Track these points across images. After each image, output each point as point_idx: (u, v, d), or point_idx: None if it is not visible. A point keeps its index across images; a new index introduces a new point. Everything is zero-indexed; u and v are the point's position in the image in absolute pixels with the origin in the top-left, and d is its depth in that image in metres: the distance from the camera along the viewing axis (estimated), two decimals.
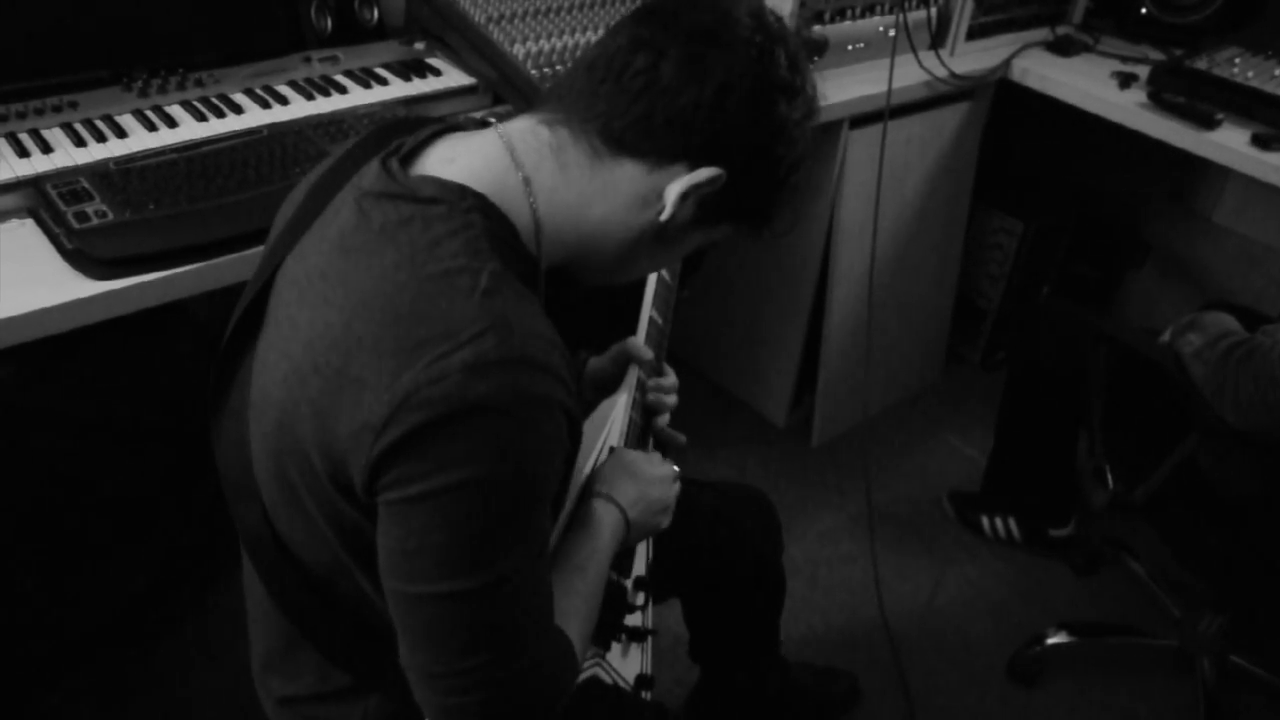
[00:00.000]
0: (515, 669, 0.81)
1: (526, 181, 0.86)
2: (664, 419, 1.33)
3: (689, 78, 0.83)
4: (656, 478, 1.15)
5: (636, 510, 1.10)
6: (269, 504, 0.92)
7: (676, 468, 1.21)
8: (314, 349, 0.80)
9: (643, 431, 1.31)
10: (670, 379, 1.35)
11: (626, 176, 0.87)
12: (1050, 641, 1.94)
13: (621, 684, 1.19)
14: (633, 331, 1.34)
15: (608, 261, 0.93)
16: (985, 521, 2.22)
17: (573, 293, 0.96)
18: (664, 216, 0.88)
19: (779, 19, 0.89)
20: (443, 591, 0.78)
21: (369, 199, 0.84)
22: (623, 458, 1.16)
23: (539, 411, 0.77)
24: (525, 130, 0.88)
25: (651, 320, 1.35)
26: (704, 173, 0.86)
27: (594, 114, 0.85)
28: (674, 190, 0.86)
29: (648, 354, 1.29)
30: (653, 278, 1.36)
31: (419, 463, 0.74)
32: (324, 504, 0.83)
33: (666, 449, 1.34)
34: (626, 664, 1.22)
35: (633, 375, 1.30)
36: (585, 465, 1.20)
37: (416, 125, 0.94)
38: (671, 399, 1.33)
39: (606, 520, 1.07)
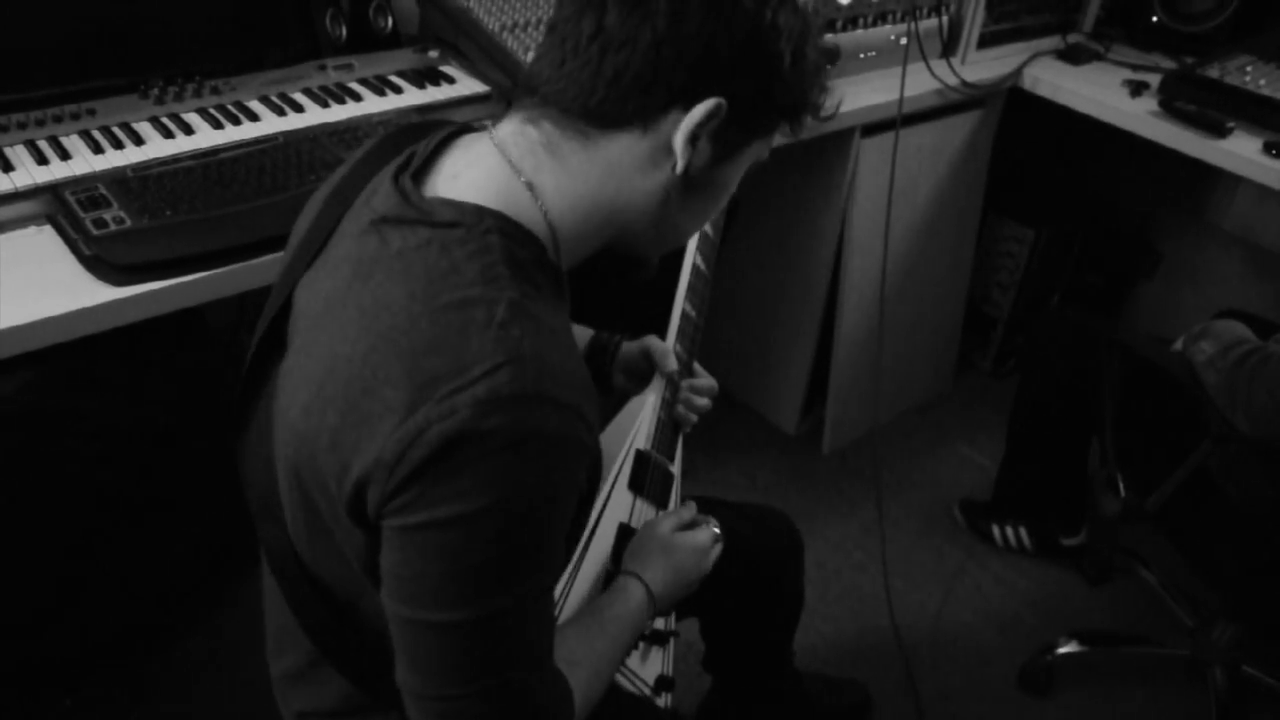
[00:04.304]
0: (504, 701, 0.80)
1: (530, 187, 0.83)
2: (691, 420, 1.33)
3: (636, 20, 0.78)
4: (691, 548, 1.14)
5: (665, 588, 1.10)
6: (290, 523, 0.91)
7: (717, 529, 1.20)
8: (331, 380, 0.78)
9: (673, 433, 1.30)
10: (706, 380, 1.33)
11: (624, 148, 0.83)
12: (1062, 651, 1.94)
13: (641, 686, 1.19)
14: (667, 316, 1.32)
15: (647, 232, 0.89)
16: (996, 530, 2.21)
17: (609, 279, 0.94)
18: (679, 169, 0.83)
19: None
20: (436, 620, 0.77)
21: (386, 224, 0.81)
22: (657, 531, 1.14)
23: (551, 449, 0.74)
24: (514, 133, 0.85)
25: (685, 314, 1.33)
26: (700, 109, 0.80)
27: (569, 98, 0.81)
28: (678, 140, 0.82)
29: (671, 366, 1.28)
30: (686, 268, 1.34)
31: (428, 493, 0.73)
32: (341, 530, 0.82)
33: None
34: (646, 667, 1.22)
35: (662, 375, 1.29)
36: (612, 468, 1.20)
37: (425, 130, 0.92)
38: (704, 401, 1.32)
39: (634, 595, 1.07)
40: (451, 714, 0.80)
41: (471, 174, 0.84)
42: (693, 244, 1.35)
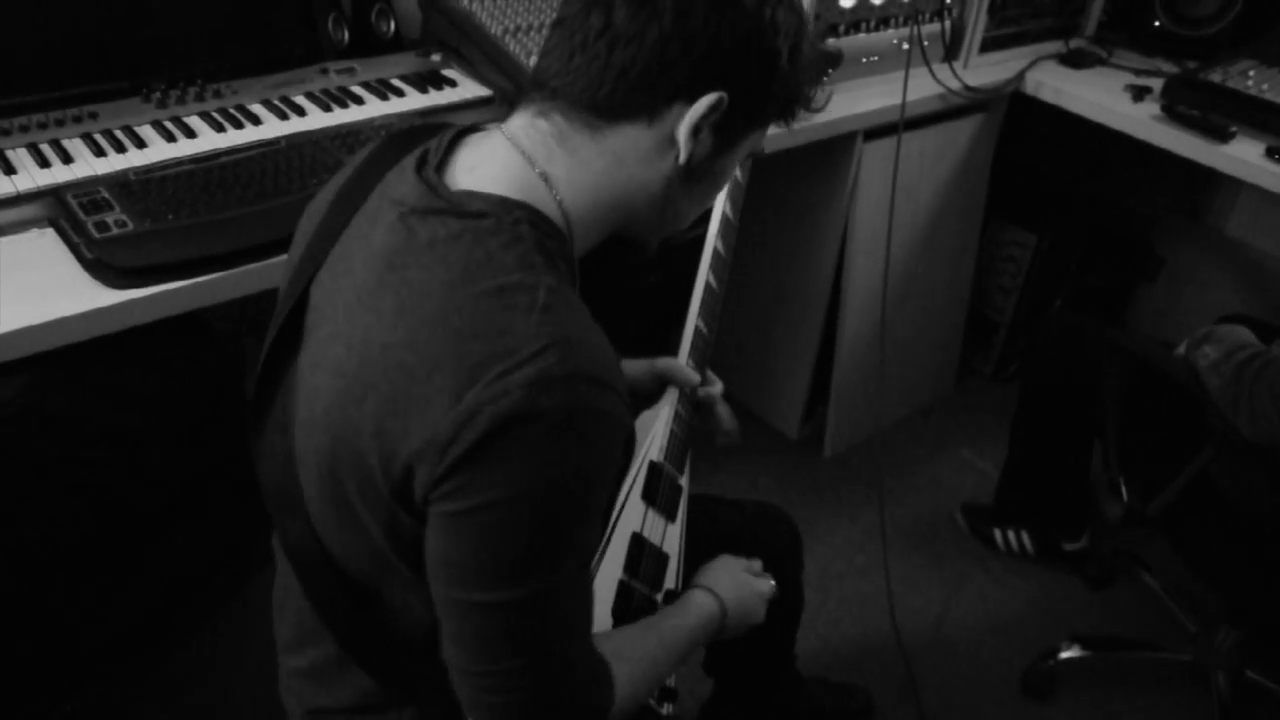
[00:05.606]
0: (550, 675, 0.83)
1: (545, 178, 0.86)
2: (726, 422, 1.37)
3: (644, 17, 0.81)
4: (755, 591, 1.21)
5: (735, 605, 1.15)
6: (316, 517, 0.92)
7: (772, 582, 1.25)
8: (371, 368, 0.80)
9: (684, 447, 1.31)
10: (719, 387, 1.36)
11: (630, 139, 0.86)
12: (1064, 656, 1.93)
13: None
14: (673, 334, 1.33)
15: (649, 220, 0.93)
16: (998, 535, 2.21)
17: (612, 290, 0.95)
18: (681, 159, 0.87)
19: None
20: (485, 600, 0.79)
21: (414, 215, 0.83)
22: (730, 563, 1.21)
23: (599, 427, 0.78)
24: (525, 126, 0.88)
25: (697, 330, 1.34)
26: (704, 102, 0.84)
27: (577, 91, 0.84)
28: (682, 132, 0.85)
29: (693, 379, 1.30)
30: (700, 285, 1.35)
31: (480, 476, 0.75)
32: (382, 518, 0.84)
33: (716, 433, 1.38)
34: None
35: (675, 390, 1.30)
36: (626, 479, 1.20)
37: (433, 131, 0.94)
38: (726, 411, 1.36)
39: (704, 605, 1.12)
40: (497, 688, 0.82)
41: (488, 167, 0.86)
42: (706, 262, 1.37)
